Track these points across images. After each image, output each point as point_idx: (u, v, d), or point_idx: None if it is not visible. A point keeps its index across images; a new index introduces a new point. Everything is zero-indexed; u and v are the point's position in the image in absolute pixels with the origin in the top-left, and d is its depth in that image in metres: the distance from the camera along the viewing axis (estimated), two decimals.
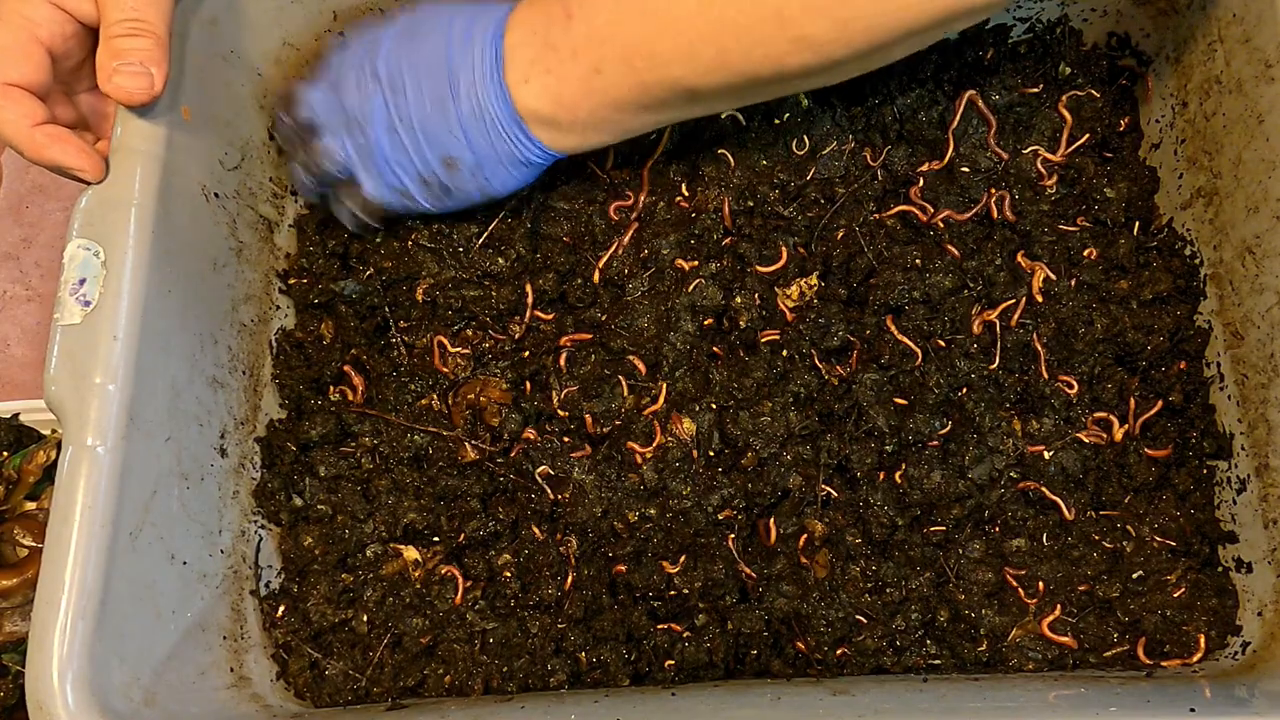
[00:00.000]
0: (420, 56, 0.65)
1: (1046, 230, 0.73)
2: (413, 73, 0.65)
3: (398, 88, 0.65)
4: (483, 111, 0.64)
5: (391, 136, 0.66)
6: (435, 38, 0.65)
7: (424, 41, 0.66)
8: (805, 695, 0.60)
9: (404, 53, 0.66)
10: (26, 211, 0.91)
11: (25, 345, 0.88)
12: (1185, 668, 0.65)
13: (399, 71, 0.65)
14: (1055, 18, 0.78)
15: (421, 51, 0.65)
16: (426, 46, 0.65)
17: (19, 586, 0.73)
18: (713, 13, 0.58)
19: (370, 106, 0.66)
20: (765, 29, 0.57)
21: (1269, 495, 0.65)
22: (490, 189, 0.69)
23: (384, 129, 0.66)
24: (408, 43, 0.66)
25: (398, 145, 0.66)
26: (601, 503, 0.70)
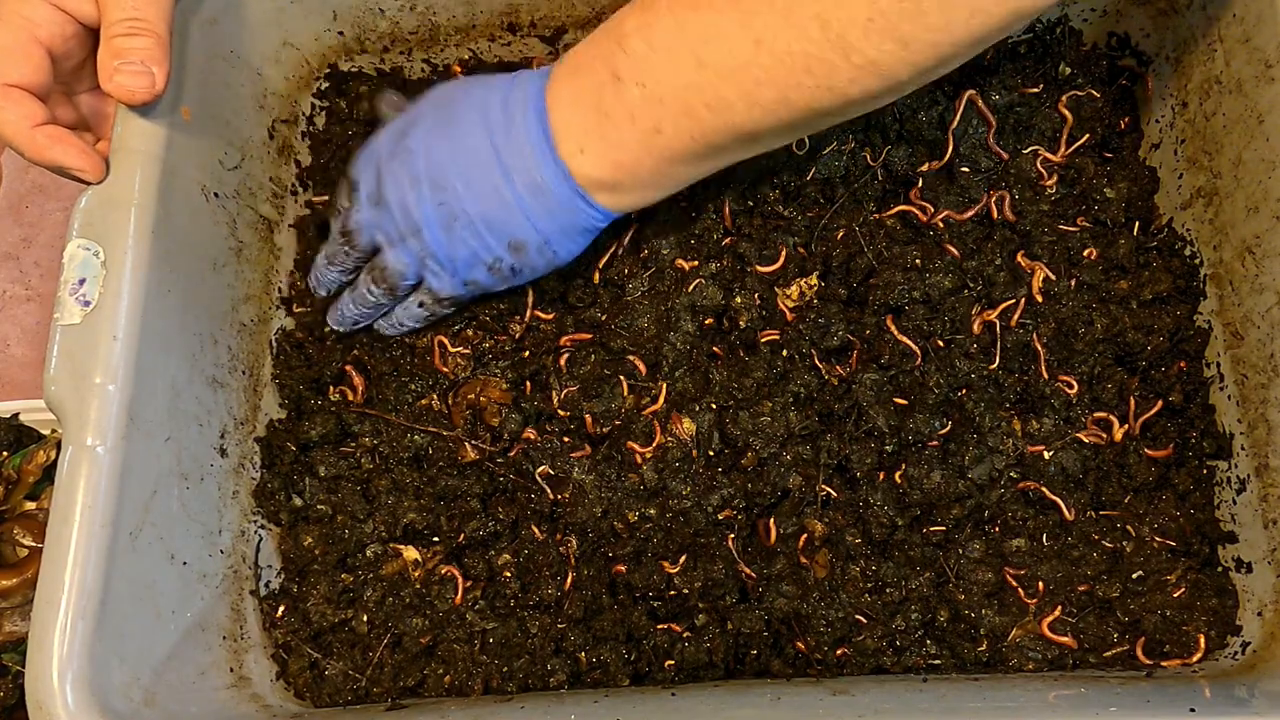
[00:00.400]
0: (462, 151, 0.64)
1: (1046, 230, 0.73)
2: (458, 168, 0.64)
3: (446, 185, 0.64)
4: (541, 190, 0.63)
5: (450, 234, 0.65)
6: (472, 128, 0.64)
7: (462, 134, 0.64)
8: (805, 695, 0.60)
9: (442, 149, 0.65)
10: (26, 211, 0.91)
11: (25, 345, 0.88)
12: (1185, 668, 0.65)
13: (443, 170, 0.64)
14: (1055, 18, 0.78)
15: (463, 145, 0.64)
16: (467, 140, 0.64)
17: (19, 586, 0.73)
18: (771, 51, 0.56)
19: (421, 212, 0.65)
20: (827, 60, 0.55)
21: (1269, 495, 0.65)
22: (558, 260, 0.68)
23: (441, 228, 0.65)
24: (443, 139, 0.65)
25: (459, 241, 0.65)
26: (601, 503, 0.70)
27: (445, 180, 0.64)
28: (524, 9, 0.78)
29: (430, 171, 0.64)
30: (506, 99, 0.64)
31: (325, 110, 0.81)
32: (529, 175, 0.63)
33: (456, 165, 0.64)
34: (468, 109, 0.65)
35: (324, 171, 0.79)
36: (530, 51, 0.80)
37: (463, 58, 0.81)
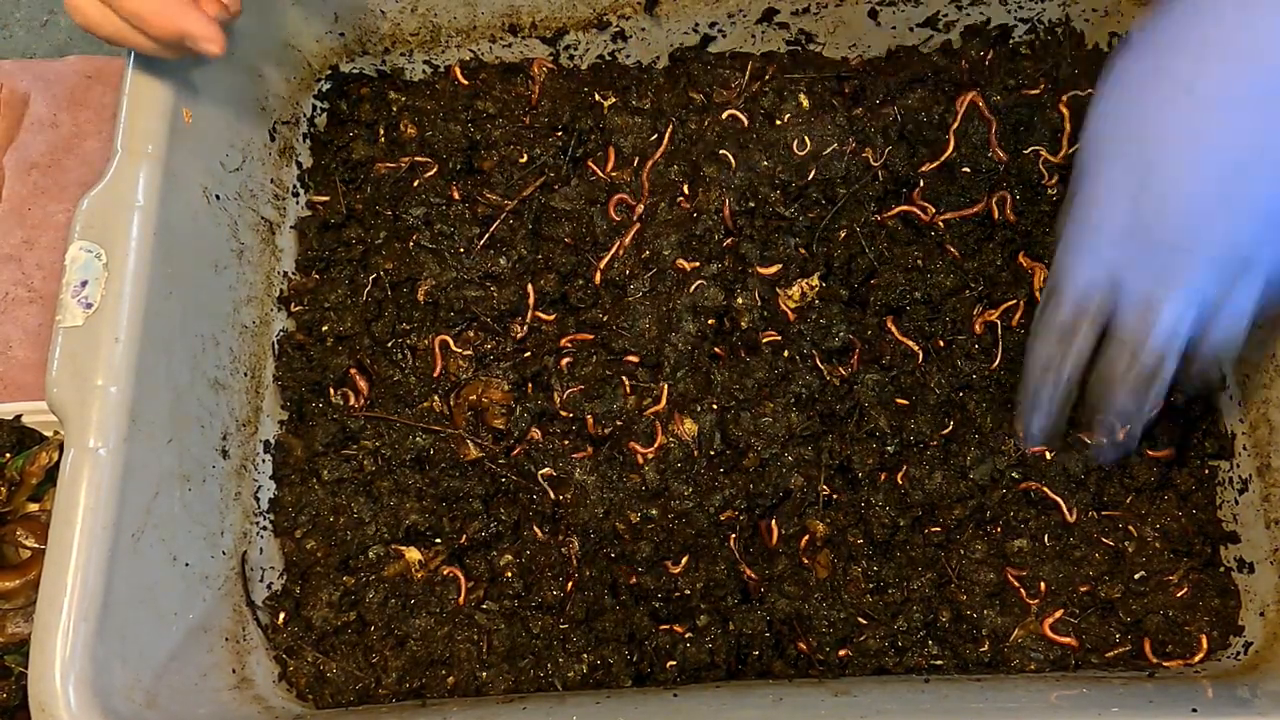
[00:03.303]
0: (1227, 116, 0.46)
1: (1047, 230, 0.73)
2: (1259, 112, 0.46)
3: (1257, 177, 0.46)
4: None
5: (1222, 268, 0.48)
6: (1220, 50, 0.46)
7: (1214, 103, 0.46)
8: (807, 696, 0.60)
9: (1200, 140, 0.47)
10: (29, 213, 0.92)
11: (27, 347, 0.88)
12: (1187, 668, 0.65)
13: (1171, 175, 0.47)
14: (1057, 18, 0.78)
15: (1228, 79, 0.46)
16: (1227, 106, 0.46)
17: (21, 588, 0.73)
18: None
19: (1242, 227, 0.47)
20: None
21: (1271, 495, 0.65)
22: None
23: (1206, 259, 0.48)
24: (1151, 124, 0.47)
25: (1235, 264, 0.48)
26: (603, 503, 0.70)
27: (1251, 179, 0.47)
28: (525, 11, 0.78)
29: (1221, 189, 0.47)
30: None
31: (326, 112, 0.81)
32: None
33: (1252, 147, 0.46)
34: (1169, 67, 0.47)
35: (325, 173, 0.79)
36: (531, 53, 0.81)
37: (464, 59, 0.81)
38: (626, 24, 0.79)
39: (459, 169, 0.78)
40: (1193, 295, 0.50)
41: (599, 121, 0.78)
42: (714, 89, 0.79)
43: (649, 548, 0.69)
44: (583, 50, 0.80)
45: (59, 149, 0.93)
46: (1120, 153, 0.50)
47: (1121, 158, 0.50)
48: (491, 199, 0.77)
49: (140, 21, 0.55)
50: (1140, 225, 0.49)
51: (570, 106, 0.78)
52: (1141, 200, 0.49)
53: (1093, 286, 0.52)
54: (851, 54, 0.80)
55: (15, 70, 0.95)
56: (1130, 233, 0.50)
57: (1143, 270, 0.50)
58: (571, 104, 0.79)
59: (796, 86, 0.78)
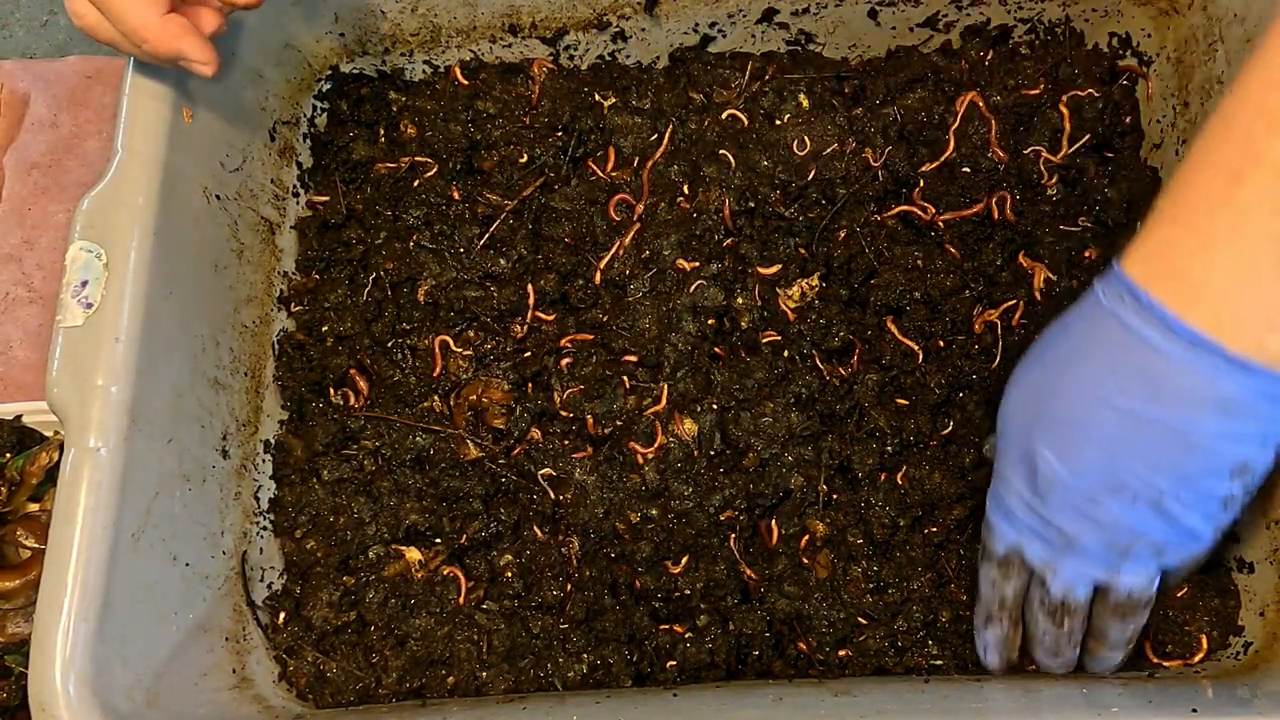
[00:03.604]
0: (1116, 439, 0.52)
1: (1047, 231, 0.73)
2: (1136, 460, 0.52)
3: (1125, 485, 0.52)
4: (1240, 402, 0.49)
5: (1160, 517, 0.53)
6: (1105, 415, 0.51)
7: (1100, 428, 0.52)
8: (807, 696, 0.60)
9: (1078, 455, 0.53)
10: (29, 213, 0.92)
11: (28, 347, 0.88)
12: (1187, 668, 0.65)
13: (1105, 472, 0.52)
14: (1057, 18, 0.78)
15: (1114, 434, 0.52)
16: (1114, 428, 0.51)
17: (22, 588, 0.73)
18: None
19: (1124, 521, 0.53)
20: None
21: (1271, 495, 0.65)
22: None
23: (1152, 514, 0.53)
24: (1069, 442, 0.53)
25: (1184, 515, 0.53)
26: (603, 503, 0.70)
27: (1120, 480, 0.52)
28: (525, 11, 0.78)
29: (1091, 487, 0.53)
30: (1111, 347, 0.51)
31: (327, 112, 0.81)
32: (1211, 401, 0.49)
33: (1109, 444, 0.52)
34: (1074, 382, 0.53)
35: (325, 173, 0.79)
36: (531, 53, 0.81)
37: (464, 59, 0.81)
38: (626, 24, 0.79)
39: (459, 169, 0.78)
40: (1082, 567, 0.57)
41: (599, 121, 0.78)
42: (714, 89, 0.79)
43: (649, 548, 0.69)
44: (583, 50, 0.80)
45: (59, 149, 0.93)
46: (1016, 443, 0.56)
47: (1017, 447, 0.56)
48: (491, 199, 0.77)
49: (138, 39, 0.56)
50: (1033, 507, 0.56)
51: (570, 106, 0.78)
52: (1032, 486, 0.56)
53: (1010, 548, 0.59)
54: (851, 54, 0.80)
55: (15, 70, 0.95)
56: (1028, 509, 0.56)
57: (1038, 542, 0.57)
58: (571, 104, 0.79)
59: (796, 86, 0.78)
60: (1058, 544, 0.56)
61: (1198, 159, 0.49)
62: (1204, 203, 0.48)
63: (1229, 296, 0.47)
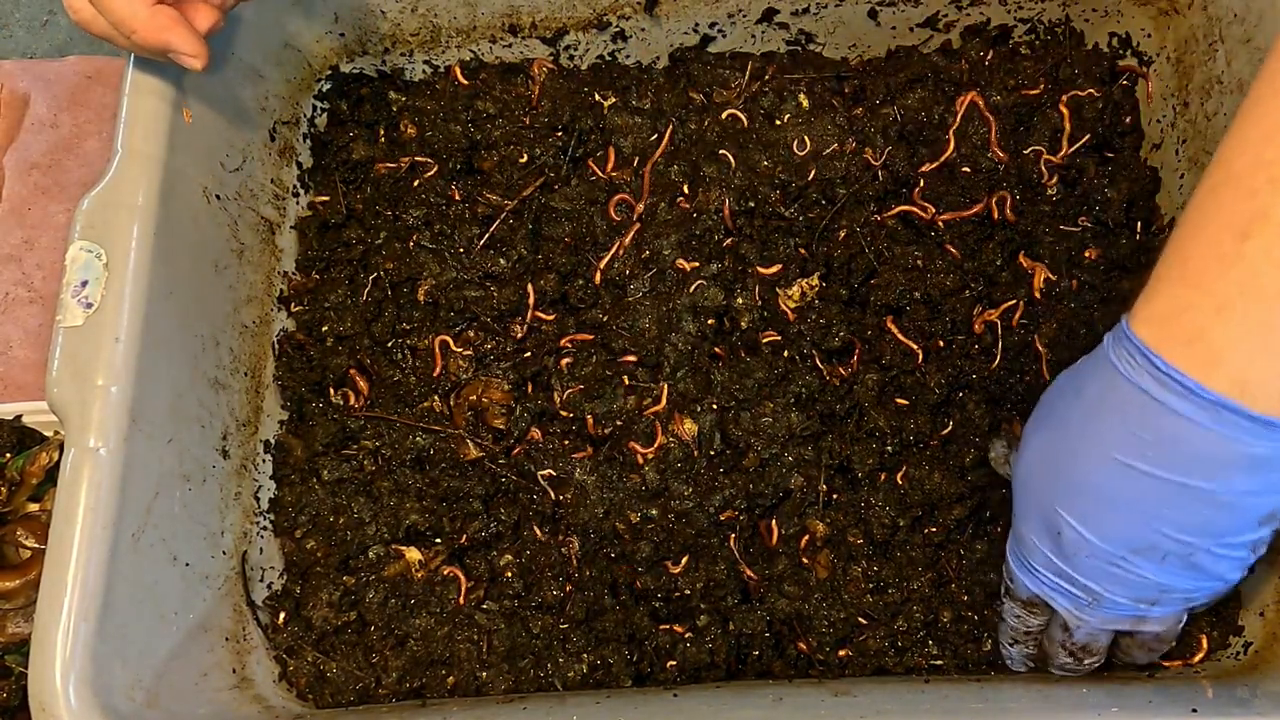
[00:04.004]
0: (1140, 501, 0.51)
1: (1047, 230, 0.73)
2: (1162, 520, 0.51)
3: (1153, 544, 0.52)
4: (1266, 459, 0.48)
5: (1190, 571, 0.54)
6: (1126, 479, 0.51)
7: (1123, 491, 0.52)
8: (807, 696, 0.60)
9: (1128, 519, 0.52)
10: (29, 213, 0.92)
11: (28, 347, 0.88)
12: (1187, 668, 0.65)
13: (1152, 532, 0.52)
14: (1057, 18, 0.78)
15: (1137, 496, 0.51)
16: (1136, 490, 0.51)
17: (22, 588, 0.73)
18: None
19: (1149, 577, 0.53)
20: None
21: None
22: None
23: (1182, 570, 0.53)
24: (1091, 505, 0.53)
25: (1213, 565, 0.53)
26: (603, 503, 0.70)
27: (1150, 542, 0.52)
28: (525, 11, 0.78)
29: (1118, 550, 0.53)
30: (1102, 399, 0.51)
31: (327, 112, 0.81)
32: (1235, 457, 0.48)
33: (1143, 515, 0.52)
34: (1084, 444, 0.52)
35: (325, 173, 0.79)
36: (531, 53, 0.81)
37: (464, 59, 0.81)
38: (626, 24, 0.79)
39: (459, 169, 0.78)
40: (1109, 618, 0.57)
41: (599, 121, 0.78)
42: (714, 89, 0.79)
43: (649, 548, 0.69)
44: (583, 50, 0.80)
45: (59, 149, 0.93)
46: (1035, 506, 0.56)
47: (1037, 511, 0.56)
48: (491, 199, 0.77)
49: (126, 30, 0.56)
50: (1058, 568, 0.56)
51: (570, 106, 0.78)
52: (1057, 549, 0.56)
53: (1034, 596, 0.59)
54: (851, 54, 0.80)
55: (15, 70, 0.95)
56: (1053, 569, 0.57)
57: (1064, 597, 0.57)
58: (571, 104, 0.79)
59: (796, 86, 0.78)
60: (1085, 600, 0.56)
61: (1202, 212, 0.49)
62: (1215, 262, 0.47)
63: (1251, 360, 0.47)
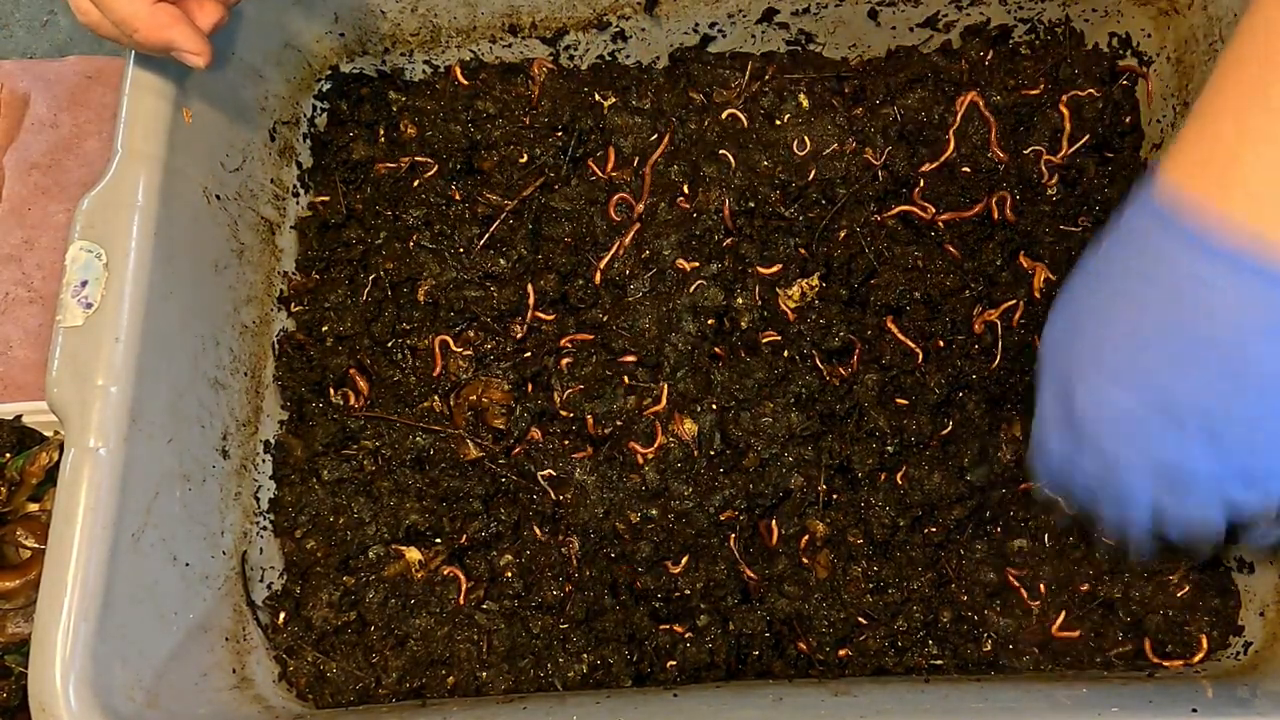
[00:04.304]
0: (1142, 344, 0.49)
1: (1047, 230, 0.73)
2: (1160, 368, 0.49)
3: (1171, 402, 0.49)
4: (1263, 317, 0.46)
5: (1212, 447, 0.50)
6: (1155, 341, 0.49)
7: (1152, 355, 0.49)
8: (807, 696, 0.60)
9: (1119, 361, 0.50)
10: (29, 213, 0.92)
11: (28, 347, 0.88)
12: (1187, 668, 0.65)
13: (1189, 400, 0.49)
14: (1057, 18, 0.78)
15: (1166, 362, 0.49)
16: (1164, 353, 0.49)
17: (22, 588, 0.73)
18: None
19: (1168, 447, 0.50)
20: None
21: None
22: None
23: (1204, 444, 0.50)
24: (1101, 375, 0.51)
25: (1224, 443, 0.50)
26: (603, 503, 0.70)
27: (1167, 403, 0.49)
28: (525, 11, 0.78)
29: (1137, 412, 0.50)
30: (1144, 237, 0.50)
31: (326, 112, 0.81)
32: (1253, 314, 0.47)
33: (1162, 374, 0.49)
34: (1125, 282, 0.51)
35: (325, 173, 0.79)
36: (531, 53, 0.81)
37: (464, 59, 0.81)
38: (626, 24, 0.79)
39: (459, 169, 0.78)
40: (1125, 504, 0.53)
41: (599, 121, 0.78)
42: (714, 89, 0.79)
43: (649, 548, 0.69)
44: (583, 50, 0.80)
45: (59, 149, 0.93)
46: (1052, 381, 0.54)
47: (1053, 386, 0.54)
48: (491, 199, 0.77)
49: (129, 29, 0.56)
50: (1070, 449, 0.53)
51: (570, 106, 0.78)
52: (1069, 429, 0.53)
53: (1054, 479, 0.55)
54: (851, 54, 0.80)
55: (15, 70, 0.95)
56: (1065, 455, 0.54)
57: (1079, 480, 0.54)
58: (571, 104, 0.79)
59: (796, 86, 0.78)
60: (1093, 486, 0.54)
61: (1219, 88, 0.48)
62: (1233, 124, 0.47)
63: (1266, 214, 0.46)
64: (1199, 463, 0.51)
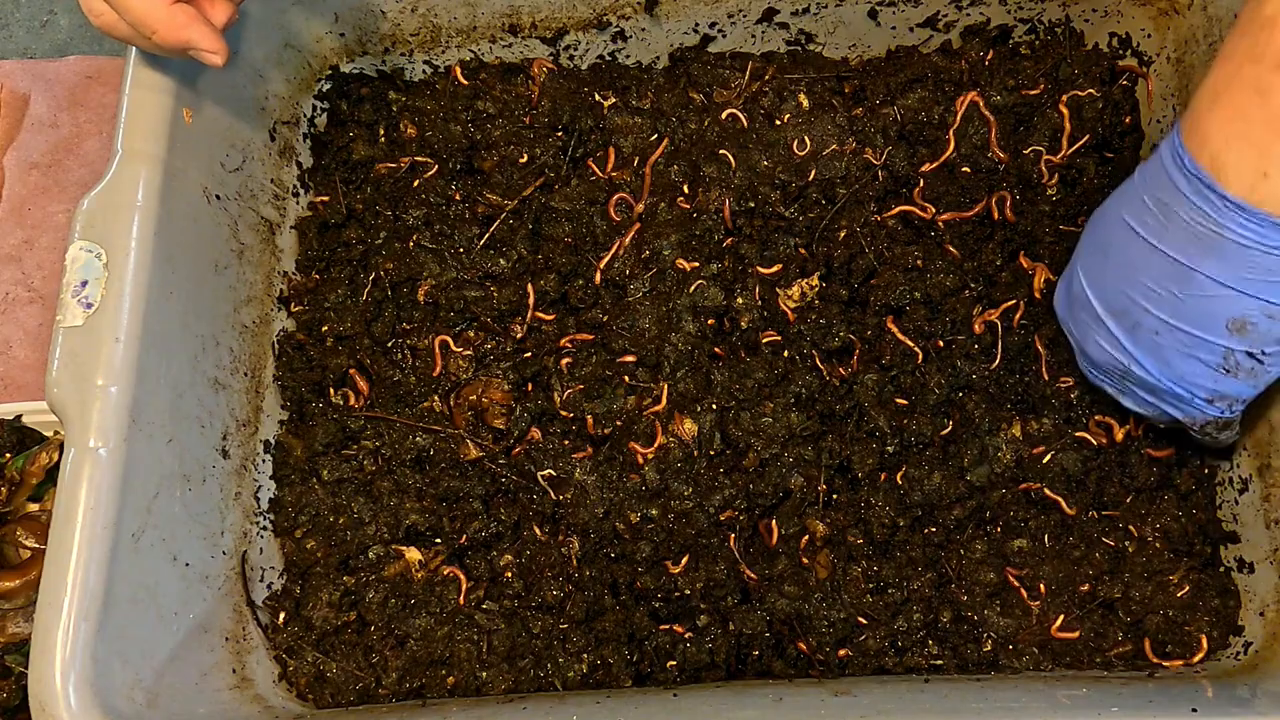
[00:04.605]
0: (1128, 263, 0.57)
1: (1047, 230, 0.73)
2: (1139, 287, 0.57)
3: (1124, 309, 0.58)
4: (1237, 248, 0.52)
5: (1158, 361, 0.58)
6: (1124, 238, 0.57)
7: (1118, 250, 0.58)
8: (807, 696, 0.60)
9: (1114, 277, 0.58)
10: (29, 213, 0.92)
11: (28, 347, 0.88)
12: (1187, 668, 0.65)
13: (1128, 296, 0.57)
14: (1057, 18, 0.78)
15: (1127, 257, 0.57)
16: (1128, 251, 0.57)
17: (22, 588, 0.73)
18: None
19: (1118, 343, 0.59)
20: None
21: (1271, 495, 0.65)
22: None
23: (1150, 355, 0.58)
24: (1111, 268, 0.59)
25: (1177, 358, 0.57)
26: (603, 503, 0.70)
27: (1124, 306, 0.58)
28: (525, 11, 0.78)
29: (1101, 306, 0.59)
30: (1140, 187, 0.57)
31: (326, 112, 0.81)
32: (1215, 242, 0.53)
33: (1137, 285, 0.57)
34: (1112, 228, 0.58)
35: (325, 173, 0.79)
36: (531, 53, 0.81)
37: (464, 59, 0.81)
38: (626, 24, 0.79)
39: (459, 169, 0.78)
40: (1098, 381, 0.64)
41: (599, 121, 0.78)
42: (714, 89, 0.79)
43: (649, 548, 0.69)
44: (583, 50, 0.80)
45: (59, 149, 0.94)
46: (1085, 252, 0.62)
47: (1085, 256, 0.62)
48: (491, 199, 0.77)
49: (146, 30, 0.56)
50: (1065, 301, 0.65)
51: (570, 106, 0.79)
52: (1069, 300, 0.63)
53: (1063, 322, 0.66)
54: (851, 54, 0.80)
55: (15, 70, 0.96)
56: (1066, 318, 0.65)
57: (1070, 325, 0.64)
58: (571, 104, 0.79)
59: (796, 86, 0.78)
60: (1076, 336, 0.63)
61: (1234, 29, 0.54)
62: (1229, 55, 0.53)
63: (1228, 143, 0.52)
64: (1143, 367, 0.59)
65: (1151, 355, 0.58)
